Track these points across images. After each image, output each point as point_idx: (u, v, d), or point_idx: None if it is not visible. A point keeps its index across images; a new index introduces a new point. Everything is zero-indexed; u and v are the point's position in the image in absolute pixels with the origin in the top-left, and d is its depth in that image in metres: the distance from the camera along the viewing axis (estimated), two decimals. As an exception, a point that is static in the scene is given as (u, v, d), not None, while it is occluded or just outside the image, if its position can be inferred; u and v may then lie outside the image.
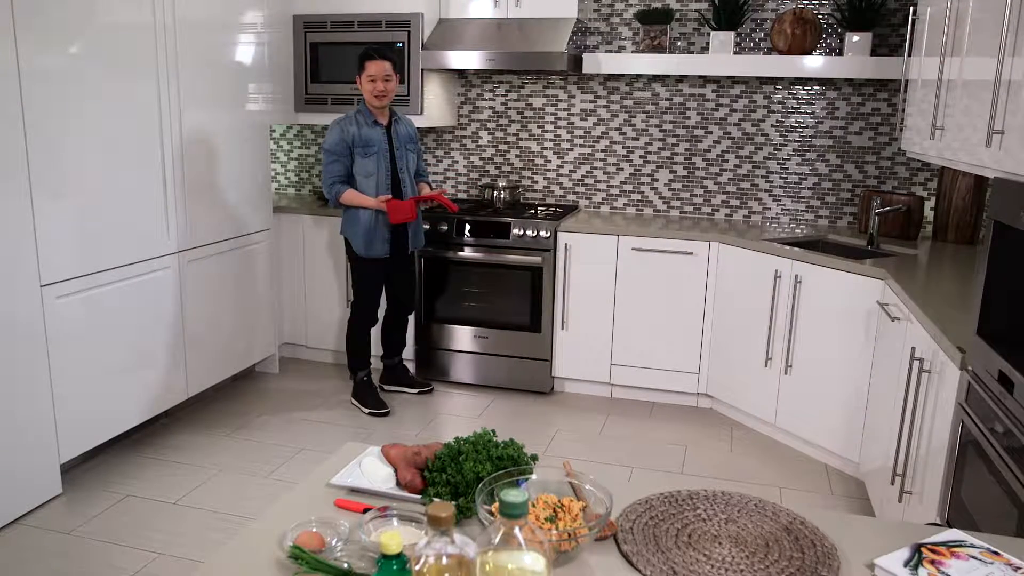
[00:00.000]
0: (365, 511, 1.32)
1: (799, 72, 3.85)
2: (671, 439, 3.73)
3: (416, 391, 4.20)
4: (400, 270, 3.96)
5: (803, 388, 3.51)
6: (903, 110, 3.44)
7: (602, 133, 4.49)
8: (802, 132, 4.20)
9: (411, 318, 4.25)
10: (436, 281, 4.24)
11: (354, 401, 4.00)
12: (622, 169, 4.51)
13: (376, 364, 4.21)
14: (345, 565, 1.18)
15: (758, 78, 4.20)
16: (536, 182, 4.66)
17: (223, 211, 3.89)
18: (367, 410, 3.92)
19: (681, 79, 4.32)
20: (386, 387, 4.20)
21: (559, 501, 1.29)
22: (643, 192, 4.50)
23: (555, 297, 4.09)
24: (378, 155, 3.68)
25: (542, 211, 4.32)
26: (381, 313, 4.06)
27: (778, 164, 4.26)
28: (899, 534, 1.29)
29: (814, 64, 3.81)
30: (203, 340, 3.80)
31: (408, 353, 4.32)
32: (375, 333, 4.05)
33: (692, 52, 4.26)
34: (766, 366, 3.66)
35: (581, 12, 4.26)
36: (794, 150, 4.23)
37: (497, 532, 0.94)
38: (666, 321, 3.97)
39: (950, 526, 1.84)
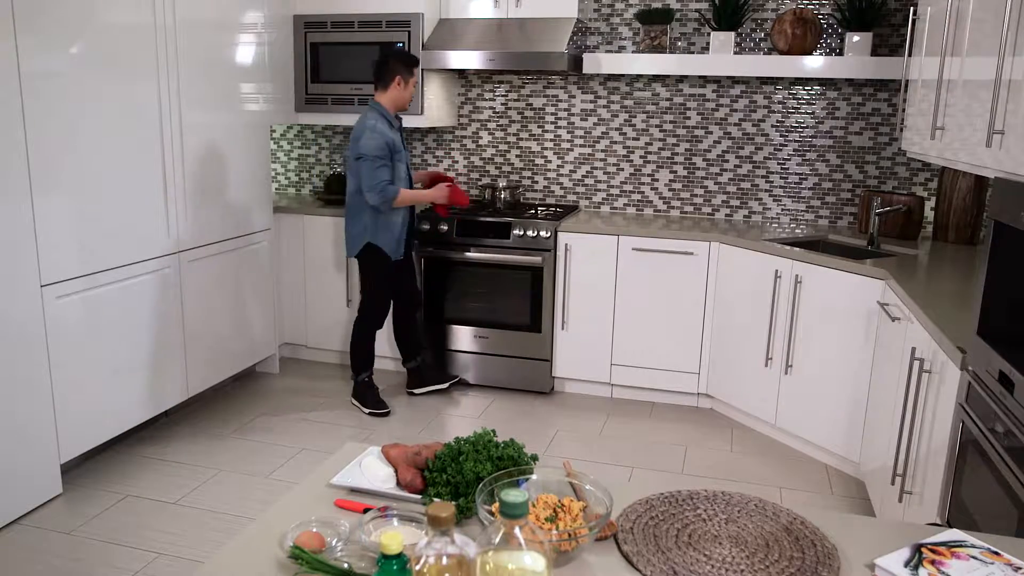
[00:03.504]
0: (365, 511, 1.32)
1: (799, 72, 3.85)
2: (671, 439, 3.73)
3: (447, 384, 4.19)
4: (409, 267, 3.98)
5: (803, 388, 3.51)
6: (903, 110, 3.44)
7: (602, 133, 4.49)
8: (802, 132, 4.20)
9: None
10: (437, 281, 4.24)
11: (354, 401, 4.00)
12: (622, 169, 4.51)
13: (391, 370, 4.19)
14: (345, 565, 1.17)
15: (758, 78, 4.20)
16: (536, 182, 4.66)
17: (223, 211, 3.89)
18: (367, 410, 3.92)
19: (681, 79, 4.32)
20: (416, 391, 4.17)
21: (559, 501, 1.28)
22: (643, 192, 4.50)
23: (555, 297, 4.09)
24: (404, 157, 3.73)
25: (542, 211, 4.32)
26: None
27: (778, 164, 4.26)
28: (899, 534, 1.29)
29: (814, 64, 3.81)
30: (203, 340, 3.80)
31: (408, 353, 4.32)
32: (390, 339, 4.04)
33: (692, 52, 4.26)
34: (766, 366, 3.66)
35: (581, 12, 4.27)
36: (794, 150, 4.23)
37: (497, 532, 0.94)
38: (666, 321, 3.97)
39: (950, 526, 1.84)
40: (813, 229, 4.10)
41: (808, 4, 4.06)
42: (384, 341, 4.45)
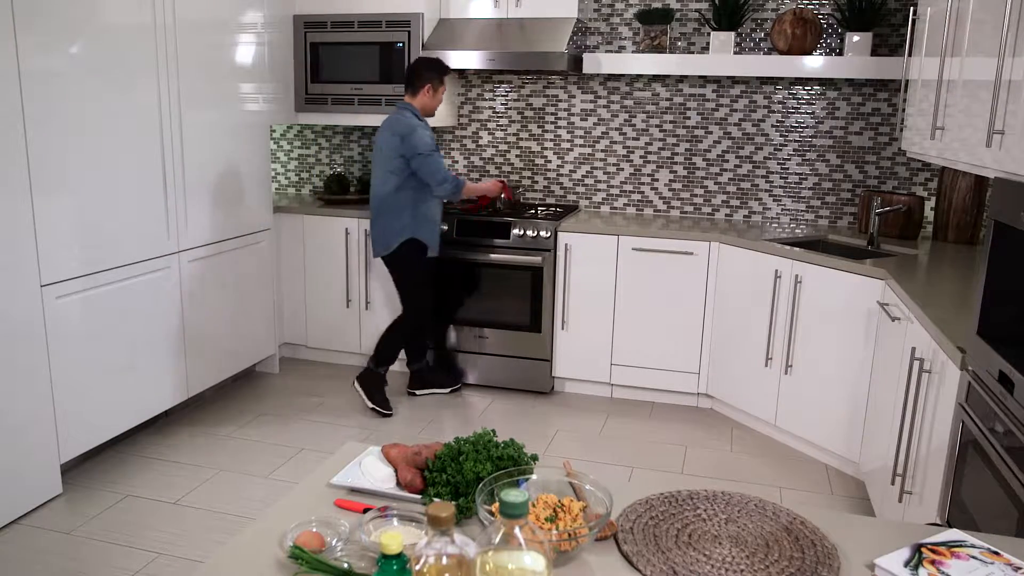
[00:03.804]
0: (365, 511, 1.32)
1: (799, 72, 3.85)
2: (671, 439, 3.73)
3: (448, 390, 4.19)
4: (433, 269, 4.00)
5: (803, 388, 3.51)
6: (903, 110, 3.44)
7: (602, 133, 4.50)
8: (802, 132, 4.20)
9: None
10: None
11: (359, 388, 3.94)
12: (622, 169, 4.51)
13: (395, 370, 4.18)
14: (345, 565, 1.18)
15: (758, 78, 4.20)
16: (536, 182, 4.66)
17: (223, 211, 3.89)
18: (371, 404, 3.89)
19: (681, 79, 4.32)
20: (417, 392, 4.16)
21: (559, 501, 1.28)
22: (643, 192, 4.50)
23: (555, 297, 4.09)
24: None
25: (542, 211, 4.32)
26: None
27: (778, 164, 4.26)
28: (899, 534, 1.29)
29: (814, 64, 3.81)
30: (203, 340, 3.80)
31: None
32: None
33: (692, 52, 4.26)
34: (766, 366, 3.66)
35: (581, 12, 4.26)
36: (794, 150, 4.23)
37: (497, 532, 0.94)
38: (666, 321, 3.97)
39: (950, 526, 1.84)
40: (813, 229, 4.10)
41: (808, 4, 4.06)
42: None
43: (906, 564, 1.17)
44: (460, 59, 4.11)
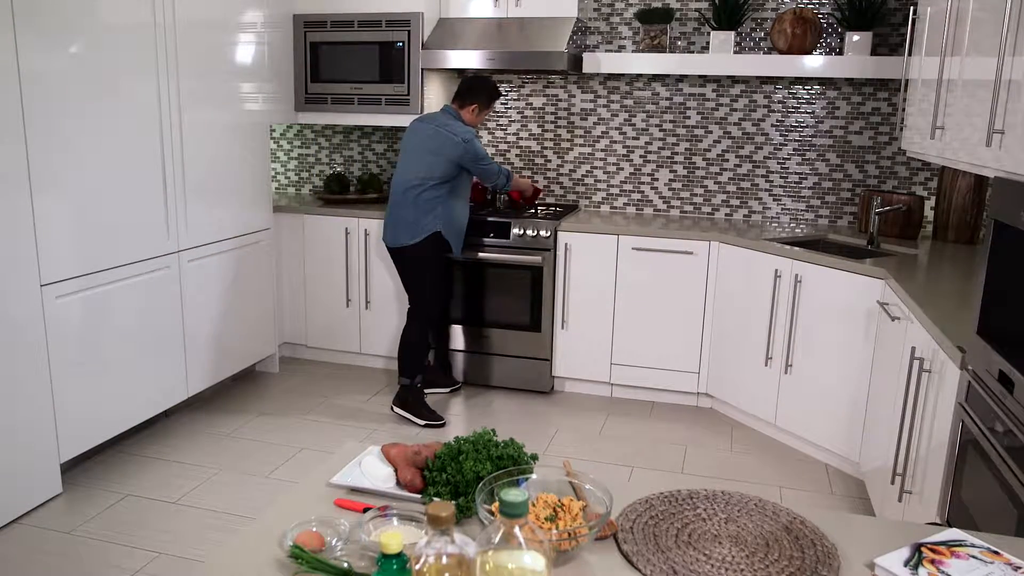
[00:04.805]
0: (365, 511, 1.32)
1: (799, 72, 3.85)
2: (671, 439, 3.73)
3: (448, 390, 4.20)
4: (450, 269, 4.05)
5: (803, 388, 3.51)
6: (903, 110, 3.44)
7: (602, 133, 4.49)
8: (802, 132, 4.20)
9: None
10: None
11: (402, 412, 3.84)
12: (622, 169, 4.50)
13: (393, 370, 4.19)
14: (345, 565, 1.18)
15: (758, 78, 4.20)
16: (536, 181, 4.66)
17: (223, 211, 3.89)
18: (422, 423, 3.80)
19: (681, 79, 4.32)
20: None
21: (559, 501, 1.28)
22: (643, 192, 4.50)
23: (555, 297, 4.09)
24: None
25: (542, 211, 4.32)
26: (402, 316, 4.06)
27: (778, 164, 4.26)
28: (899, 534, 1.29)
29: (814, 64, 3.81)
30: (203, 340, 3.80)
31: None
32: (396, 339, 4.03)
33: (692, 52, 4.26)
34: (766, 366, 3.66)
35: (581, 12, 4.26)
36: (794, 150, 4.23)
37: (497, 532, 0.94)
38: (666, 321, 3.97)
39: (950, 526, 1.84)
40: (813, 228, 4.09)
41: (808, 4, 4.06)
42: (391, 340, 4.46)
43: (906, 564, 1.17)
44: (460, 59, 4.10)
